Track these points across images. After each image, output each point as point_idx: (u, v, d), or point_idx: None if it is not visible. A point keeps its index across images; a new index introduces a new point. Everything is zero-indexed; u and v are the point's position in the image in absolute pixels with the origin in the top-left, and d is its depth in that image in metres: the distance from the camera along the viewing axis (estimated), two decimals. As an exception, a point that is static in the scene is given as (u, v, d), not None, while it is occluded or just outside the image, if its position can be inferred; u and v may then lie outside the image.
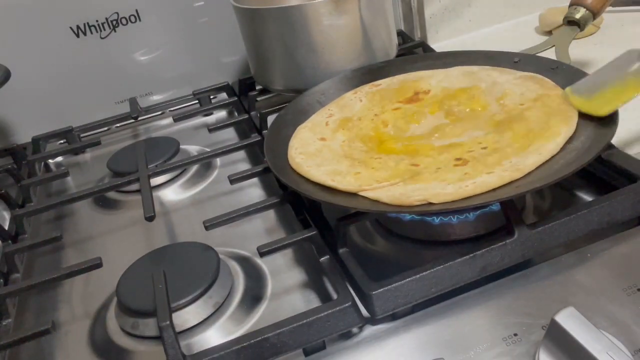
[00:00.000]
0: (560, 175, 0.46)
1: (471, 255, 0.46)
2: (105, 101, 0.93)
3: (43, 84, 0.89)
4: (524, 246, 0.47)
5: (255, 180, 0.69)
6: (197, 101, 0.92)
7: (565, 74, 0.61)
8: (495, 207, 0.52)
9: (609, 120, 0.51)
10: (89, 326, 0.55)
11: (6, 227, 0.67)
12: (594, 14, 0.74)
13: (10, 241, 0.66)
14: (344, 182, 0.52)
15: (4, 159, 0.86)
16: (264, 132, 0.74)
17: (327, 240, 0.53)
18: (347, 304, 0.45)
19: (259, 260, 0.57)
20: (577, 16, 0.73)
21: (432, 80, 0.68)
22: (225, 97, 0.91)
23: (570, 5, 0.75)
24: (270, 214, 0.64)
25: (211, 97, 0.92)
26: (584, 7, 0.73)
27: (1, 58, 0.78)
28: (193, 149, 0.82)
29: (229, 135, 0.84)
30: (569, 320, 0.37)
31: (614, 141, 0.51)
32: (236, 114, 0.86)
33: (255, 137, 0.73)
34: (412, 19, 0.95)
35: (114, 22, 0.88)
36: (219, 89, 0.92)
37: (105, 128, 0.92)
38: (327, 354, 0.45)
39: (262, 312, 0.52)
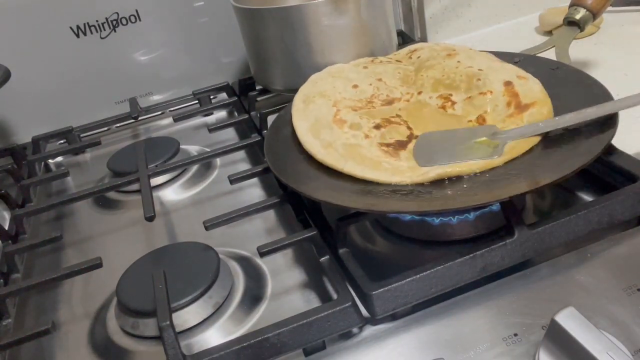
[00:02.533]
0: (560, 175, 0.46)
1: (471, 255, 0.46)
2: (105, 101, 0.93)
3: (43, 84, 0.89)
4: (524, 246, 0.47)
5: (255, 180, 0.69)
6: (197, 101, 0.92)
7: (565, 74, 0.62)
8: (495, 207, 0.52)
9: (609, 121, 0.51)
10: (89, 326, 0.55)
11: (6, 227, 0.67)
12: (594, 14, 0.74)
13: (10, 241, 0.66)
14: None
15: (4, 159, 0.85)
16: (264, 132, 0.74)
17: (327, 240, 0.53)
18: (347, 304, 0.45)
19: (259, 260, 0.57)
20: (577, 17, 0.74)
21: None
22: (225, 97, 0.91)
23: (570, 5, 0.75)
24: (270, 214, 0.64)
25: (211, 97, 0.92)
26: (584, 8, 0.73)
27: (1, 58, 0.78)
28: (193, 149, 0.82)
29: (229, 135, 0.84)
30: (569, 320, 0.37)
31: (614, 141, 0.51)
32: (236, 114, 0.86)
33: (255, 137, 0.73)
34: (412, 19, 0.95)
35: (114, 22, 0.88)
36: (219, 89, 0.92)
37: (105, 128, 0.92)
38: (327, 354, 0.45)
39: (262, 312, 0.52)
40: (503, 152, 0.52)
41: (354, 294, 0.47)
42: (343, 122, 0.60)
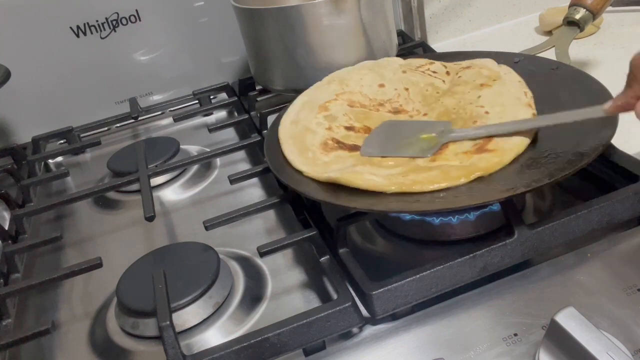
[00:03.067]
0: (560, 175, 0.46)
1: (471, 255, 0.46)
2: (105, 101, 0.93)
3: (43, 84, 0.89)
4: (524, 246, 0.47)
5: (255, 180, 0.69)
6: (197, 101, 0.92)
7: (565, 74, 0.62)
8: (495, 207, 0.52)
9: (609, 121, 0.51)
10: (89, 326, 0.55)
11: (6, 227, 0.67)
12: (594, 14, 0.74)
13: (10, 241, 0.66)
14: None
15: (4, 159, 0.85)
16: (264, 132, 0.74)
17: (327, 240, 0.53)
18: (347, 304, 0.45)
19: (259, 260, 0.57)
20: (577, 17, 0.74)
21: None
22: (225, 97, 0.91)
23: (570, 5, 0.75)
24: (270, 214, 0.64)
25: (211, 97, 0.92)
26: (584, 8, 0.73)
27: (1, 58, 0.78)
28: (193, 149, 0.82)
29: (229, 135, 0.84)
30: (569, 320, 0.37)
31: (614, 141, 0.51)
32: (236, 114, 0.86)
33: (255, 137, 0.73)
34: (412, 19, 0.95)
35: (114, 22, 0.88)
36: (219, 89, 0.92)
37: (105, 128, 0.92)
38: (327, 354, 0.45)
39: (262, 312, 0.52)
40: (431, 154, 0.54)
41: (354, 294, 0.47)
42: (325, 109, 0.63)
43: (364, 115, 0.63)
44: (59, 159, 0.89)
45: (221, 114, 0.92)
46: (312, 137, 0.59)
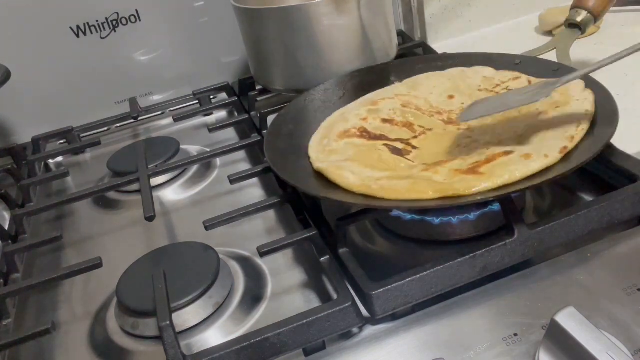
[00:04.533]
0: (560, 173, 0.46)
1: (471, 255, 0.46)
2: (105, 101, 0.93)
3: (43, 84, 0.89)
4: (524, 246, 0.47)
5: (255, 180, 0.69)
6: (197, 101, 0.92)
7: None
8: (495, 207, 0.52)
9: (609, 120, 0.51)
10: (89, 326, 0.55)
11: (6, 227, 0.67)
12: (595, 17, 0.74)
13: (10, 241, 0.66)
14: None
15: (4, 159, 0.85)
16: (264, 132, 0.74)
17: (327, 240, 0.53)
18: (347, 304, 0.45)
19: (259, 260, 0.57)
20: (579, 19, 0.73)
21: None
22: (225, 97, 0.91)
23: (572, 8, 0.75)
24: (270, 214, 0.64)
25: (211, 97, 0.92)
26: (586, 10, 0.73)
27: (1, 58, 0.78)
28: (193, 149, 0.82)
29: (229, 135, 0.84)
30: (569, 320, 0.37)
31: (613, 141, 0.51)
32: (236, 114, 0.86)
33: (255, 137, 0.73)
34: (412, 19, 0.95)
35: (114, 22, 0.88)
36: (219, 89, 0.93)
37: (105, 128, 0.92)
38: (327, 354, 0.45)
39: (262, 312, 0.52)
40: (547, 95, 0.53)
41: (354, 294, 0.47)
42: (374, 104, 0.64)
43: (413, 115, 0.63)
44: (59, 159, 0.89)
45: (221, 114, 0.92)
46: (341, 125, 0.61)
